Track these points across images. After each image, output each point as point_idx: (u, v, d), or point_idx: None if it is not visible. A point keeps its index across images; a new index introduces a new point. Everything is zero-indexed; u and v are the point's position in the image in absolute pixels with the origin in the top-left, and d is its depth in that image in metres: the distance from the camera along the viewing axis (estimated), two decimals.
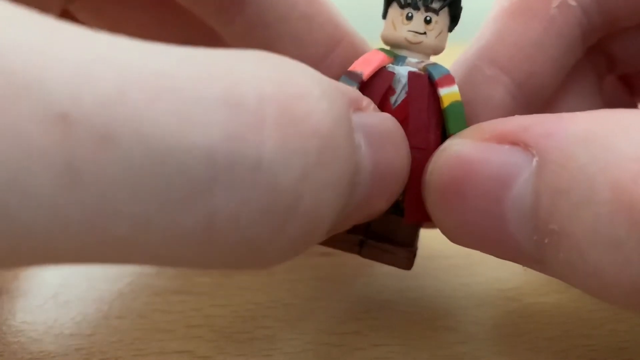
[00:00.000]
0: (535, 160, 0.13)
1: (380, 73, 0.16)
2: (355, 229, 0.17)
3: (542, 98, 0.19)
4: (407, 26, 0.17)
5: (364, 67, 0.16)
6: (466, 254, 0.22)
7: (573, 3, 0.18)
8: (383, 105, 0.16)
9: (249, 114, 0.10)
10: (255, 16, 0.18)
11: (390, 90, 0.17)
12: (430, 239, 0.19)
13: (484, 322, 0.19)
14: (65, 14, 0.20)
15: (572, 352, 0.18)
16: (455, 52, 0.19)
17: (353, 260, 0.21)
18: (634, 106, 0.22)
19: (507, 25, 0.19)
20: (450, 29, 0.17)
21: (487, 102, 0.18)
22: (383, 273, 0.21)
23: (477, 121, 0.16)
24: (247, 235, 0.11)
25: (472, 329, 0.18)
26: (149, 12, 0.20)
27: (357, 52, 0.19)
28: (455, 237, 0.15)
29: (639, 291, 0.12)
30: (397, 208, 0.17)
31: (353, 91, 0.14)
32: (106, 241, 0.10)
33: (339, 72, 0.18)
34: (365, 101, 0.14)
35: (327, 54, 0.19)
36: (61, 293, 0.19)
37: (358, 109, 0.13)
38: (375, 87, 0.16)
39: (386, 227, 0.17)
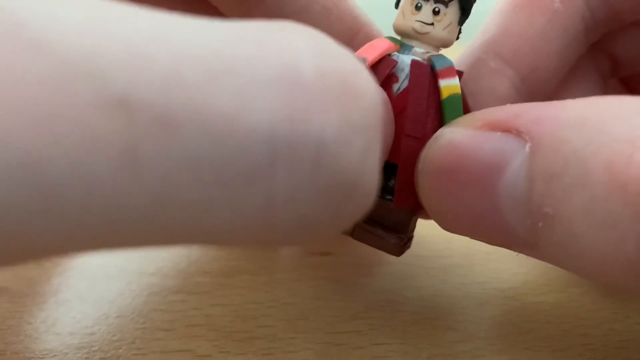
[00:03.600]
0: (528, 145, 0.13)
1: (384, 60, 0.17)
2: None
3: (545, 91, 0.19)
4: (415, 16, 0.17)
5: (369, 53, 0.16)
6: (466, 254, 0.22)
7: None
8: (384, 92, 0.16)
9: (310, 91, 0.10)
10: (274, 8, 0.18)
11: (393, 78, 0.17)
12: (430, 239, 0.19)
13: (483, 321, 0.19)
14: None
15: (571, 351, 0.18)
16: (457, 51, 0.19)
17: (353, 260, 0.21)
18: None
19: (511, 18, 0.19)
20: (461, 22, 0.17)
21: (491, 94, 0.18)
22: (383, 273, 0.21)
23: None
24: (306, 216, 0.11)
25: (471, 328, 0.18)
26: (172, 3, 0.20)
27: None
28: (448, 224, 0.15)
29: (635, 269, 0.12)
30: (392, 194, 0.17)
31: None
32: (168, 226, 0.10)
33: None
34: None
35: (346, 45, 0.19)
36: (62, 292, 0.19)
37: None
38: (377, 72, 0.16)
39: (381, 213, 0.17)
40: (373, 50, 0.16)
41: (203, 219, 0.10)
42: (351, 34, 0.19)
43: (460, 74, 0.17)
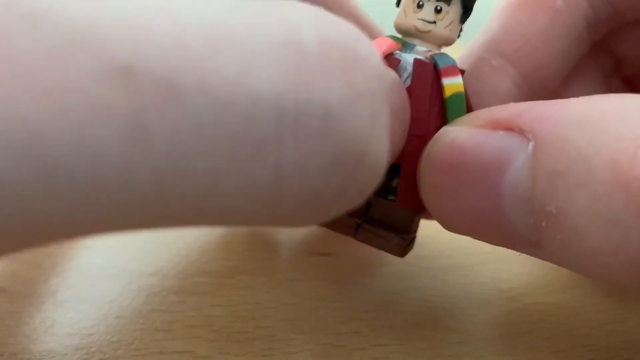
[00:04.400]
0: (531, 144, 0.13)
1: (386, 59, 0.16)
2: (354, 213, 0.17)
3: (547, 90, 0.19)
4: (417, 14, 0.17)
5: None
6: (467, 254, 0.22)
7: None
8: None
9: (312, 59, 0.10)
10: None
11: None
12: (430, 239, 0.19)
13: (484, 322, 0.19)
14: None
15: (572, 352, 0.18)
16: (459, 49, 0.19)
17: (353, 260, 0.21)
18: None
19: (514, 17, 0.19)
20: (463, 20, 0.17)
21: (494, 93, 0.18)
22: (383, 273, 0.21)
23: None
24: (316, 187, 0.10)
25: (472, 329, 0.18)
26: None
27: (371, 35, 0.19)
28: (450, 223, 0.15)
29: (638, 267, 0.12)
30: (394, 194, 0.17)
31: None
32: (176, 200, 0.10)
33: None
34: None
35: None
36: (60, 292, 0.19)
37: None
38: None
39: (384, 213, 0.17)
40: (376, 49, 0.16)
41: (212, 192, 0.10)
42: None
43: (462, 72, 0.17)
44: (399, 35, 0.17)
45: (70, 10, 0.09)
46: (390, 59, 0.17)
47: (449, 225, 0.15)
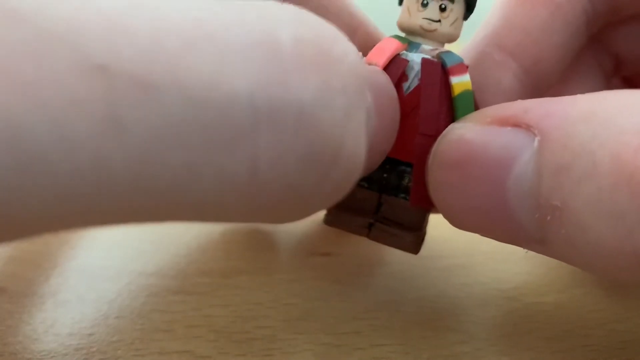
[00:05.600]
0: (536, 140, 0.13)
1: (394, 60, 0.16)
2: (364, 213, 0.17)
3: (548, 83, 0.19)
4: (421, 13, 0.17)
5: (379, 57, 0.16)
6: (467, 254, 0.22)
7: None
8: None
9: (287, 57, 0.10)
10: None
11: (403, 77, 0.17)
12: (432, 239, 0.19)
13: (484, 322, 0.19)
14: None
15: (572, 352, 0.18)
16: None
17: (353, 260, 0.21)
18: None
19: (514, 11, 0.19)
20: (466, 17, 0.17)
21: (496, 87, 0.18)
22: (383, 273, 0.21)
23: (487, 106, 0.17)
24: (292, 182, 0.11)
25: (472, 329, 0.18)
26: None
27: (372, 40, 0.19)
28: (457, 219, 0.15)
29: None
30: (406, 192, 0.17)
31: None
32: (152, 194, 0.10)
33: None
34: (360, 55, 0.14)
35: None
36: (61, 293, 0.19)
37: None
38: (389, 74, 0.16)
39: (395, 212, 0.17)
40: (382, 52, 0.16)
41: (189, 184, 0.10)
42: (349, 32, 0.19)
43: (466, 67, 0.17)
44: (402, 34, 0.17)
45: (49, 10, 0.09)
46: (398, 60, 0.17)
47: (457, 222, 0.15)
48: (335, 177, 0.11)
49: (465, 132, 0.15)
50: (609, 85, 0.22)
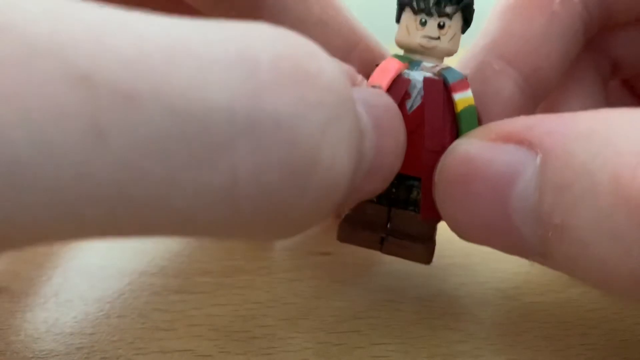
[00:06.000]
0: (539, 157, 0.14)
1: (397, 80, 0.17)
2: (376, 227, 0.18)
3: (547, 89, 0.20)
4: (421, 32, 0.17)
5: (382, 78, 0.16)
6: (466, 254, 0.22)
7: None
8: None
9: (265, 73, 0.11)
10: (272, 22, 0.18)
11: (405, 95, 0.17)
12: None
13: (483, 321, 0.19)
14: None
15: (570, 351, 0.18)
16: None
17: (353, 259, 0.22)
18: None
19: (512, 20, 0.19)
20: (463, 31, 0.17)
21: (497, 96, 0.19)
22: (382, 272, 0.21)
23: (488, 115, 0.17)
24: (271, 195, 0.11)
25: (471, 328, 0.18)
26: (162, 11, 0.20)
27: (373, 55, 0.19)
28: (463, 233, 0.16)
29: (639, 280, 0.12)
30: (415, 205, 0.17)
31: (349, 67, 0.14)
32: (133, 205, 0.10)
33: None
34: (360, 78, 0.14)
35: (344, 58, 0.19)
36: (62, 292, 0.19)
37: (354, 84, 0.14)
38: (393, 94, 0.16)
39: (405, 224, 0.18)
40: (385, 74, 0.17)
41: (170, 196, 0.10)
42: (349, 47, 0.19)
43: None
44: (401, 52, 0.18)
45: (34, 22, 0.09)
46: (400, 80, 0.17)
47: (463, 235, 0.16)
48: (314, 189, 0.11)
49: (469, 148, 0.15)
50: (607, 89, 0.22)
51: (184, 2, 0.20)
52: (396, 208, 0.18)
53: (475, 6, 0.17)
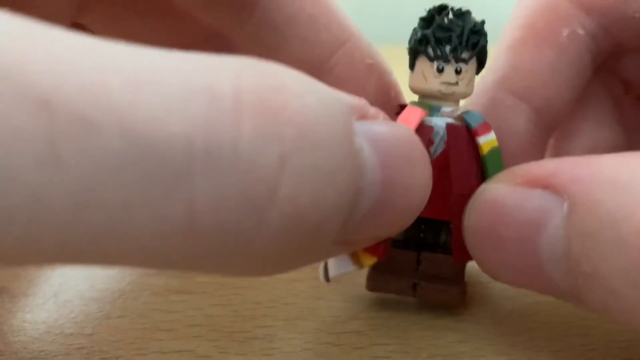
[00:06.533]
0: (565, 204, 0.14)
1: (419, 129, 0.17)
2: (405, 273, 0.18)
3: (559, 120, 0.20)
4: (438, 79, 0.17)
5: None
6: None
7: (581, 32, 0.19)
8: None
9: (227, 102, 0.11)
10: (264, 19, 0.19)
11: (429, 142, 0.17)
12: None
13: (483, 321, 0.19)
14: (77, 27, 0.20)
15: (571, 352, 0.18)
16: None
17: None
18: None
19: (520, 55, 0.19)
20: (477, 72, 0.18)
21: (511, 131, 0.19)
22: None
23: (504, 151, 0.17)
24: (229, 225, 0.11)
25: (471, 329, 0.18)
26: (161, 21, 0.20)
27: (361, 53, 0.19)
28: (495, 275, 0.16)
29: None
30: (443, 247, 0.18)
31: (357, 100, 0.14)
32: (89, 232, 0.10)
33: (343, 70, 0.19)
34: (373, 110, 0.14)
35: (332, 54, 0.19)
36: (62, 292, 0.19)
37: (363, 117, 0.13)
38: None
39: (435, 266, 0.18)
40: (408, 123, 0.17)
41: (126, 225, 0.10)
42: (338, 44, 0.19)
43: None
44: (416, 97, 0.18)
45: None
46: (423, 128, 0.17)
47: (495, 276, 0.16)
48: (273, 221, 0.11)
49: (497, 193, 0.15)
50: (621, 107, 0.22)
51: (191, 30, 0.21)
52: (425, 252, 0.18)
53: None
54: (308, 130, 0.11)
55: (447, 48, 0.17)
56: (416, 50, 0.17)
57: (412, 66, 0.17)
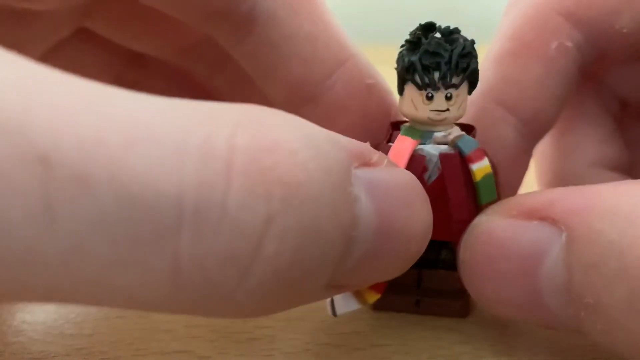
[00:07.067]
0: (564, 235, 0.14)
1: (412, 159, 0.17)
2: (407, 290, 0.18)
3: (545, 130, 0.20)
4: (428, 106, 0.16)
5: (398, 161, 0.16)
6: None
7: (569, 44, 0.19)
8: None
9: (219, 162, 0.11)
10: (264, 36, 0.19)
11: (423, 169, 0.17)
12: None
13: (484, 322, 0.19)
14: (83, 31, 0.20)
15: (571, 352, 0.18)
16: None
17: None
18: None
19: (509, 66, 0.20)
20: (470, 92, 0.17)
21: (499, 142, 0.19)
22: None
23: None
24: (212, 280, 0.11)
25: (472, 329, 0.18)
26: (164, 25, 0.20)
27: (361, 72, 0.19)
28: (492, 308, 0.16)
29: None
30: (444, 264, 0.18)
31: (358, 145, 0.14)
32: (79, 280, 0.10)
33: (343, 89, 0.19)
34: (376, 156, 0.14)
35: (331, 73, 0.19)
36: None
37: (364, 163, 0.13)
38: (410, 172, 0.16)
39: (436, 282, 0.18)
40: (400, 157, 0.16)
41: (114, 277, 0.11)
42: (338, 63, 0.19)
43: (472, 128, 0.18)
44: (407, 123, 0.17)
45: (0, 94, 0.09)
46: (416, 157, 0.17)
47: (492, 309, 0.16)
48: (256, 277, 0.11)
49: (492, 226, 0.15)
50: (620, 124, 0.23)
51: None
52: (426, 269, 0.18)
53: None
54: (297, 189, 0.12)
55: (436, 75, 0.16)
56: (404, 78, 0.17)
57: (400, 92, 0.17)
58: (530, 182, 0.23)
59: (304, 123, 0.13)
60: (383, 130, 0.18)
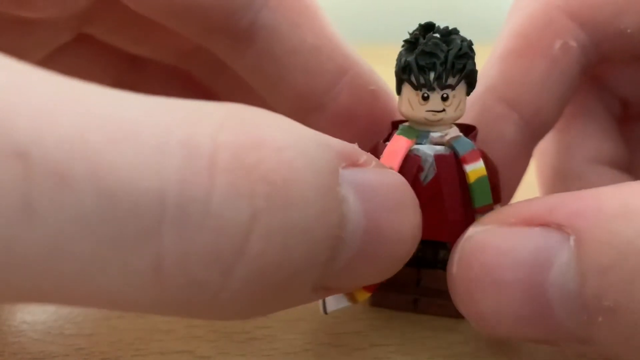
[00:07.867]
0: (572, 239, 0.13)
1: (407, 159, 0.17)
2: (406, 288, 0.18)
3: (547, 129, 0.20)
4: (424, 106, 0.16)
5: (392, 161, 0.16)
6: None
7: (574, 44, 0.19)
8: (414, 184, 0.16)
9: (202, 159, 0.11)
10: (265, 50, 0.19)
11: (418, 169, 0.17)
12: None
13: None
14: (82, 36, 0.20)
15: (572, 353, 0.18)
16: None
17: None
18: None
19: (513, 65, 0.20)
20: (468, 93, 0.17)
21: (500, 138, 0.19)
22: None
23: (493, 157, 0.17)
24: (196, 279, 0.11)
25: (472, 329, 0.18)
26: (164, 32, 0.20)
27: (364, 81, 0.19)
28: (489, 326, 0.15)
29: None
30: (443, 263, 0.18)
31: (346, 146, 0.14)
32: (60, 279, 0.10)
33: (348, 98, 0.19)
34: (364, 157, 0.14)
35: (335, 83, 0.19)
36: None
37: (352, 164, 0.13)
38: (405, 173, 0.16)
39: (435, 282, 0.18)
40: (394, 156, 0.16)
41: (95, 275, 0.10)
42: (342, 72, 0.19)
43: (473, 129, 0.18)
44: (406, 121, 0.17)
45: None
46: (411, 158, 0.17)
47: (488, 328, 0.15)
48: (240, 276, 0.11)
49: (488, 236, 0.14)
50: (621, 124, 0.23)
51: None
52: (425, 269, 0.18)
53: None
54: (283, 187, 0.11)
55: (431, 75, 0.16)
56: (400, 78, 0.17)
57: (398, 91, 0.17)
58: (531, 182, 0.23)
59: (290, 122, 0.13)
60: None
